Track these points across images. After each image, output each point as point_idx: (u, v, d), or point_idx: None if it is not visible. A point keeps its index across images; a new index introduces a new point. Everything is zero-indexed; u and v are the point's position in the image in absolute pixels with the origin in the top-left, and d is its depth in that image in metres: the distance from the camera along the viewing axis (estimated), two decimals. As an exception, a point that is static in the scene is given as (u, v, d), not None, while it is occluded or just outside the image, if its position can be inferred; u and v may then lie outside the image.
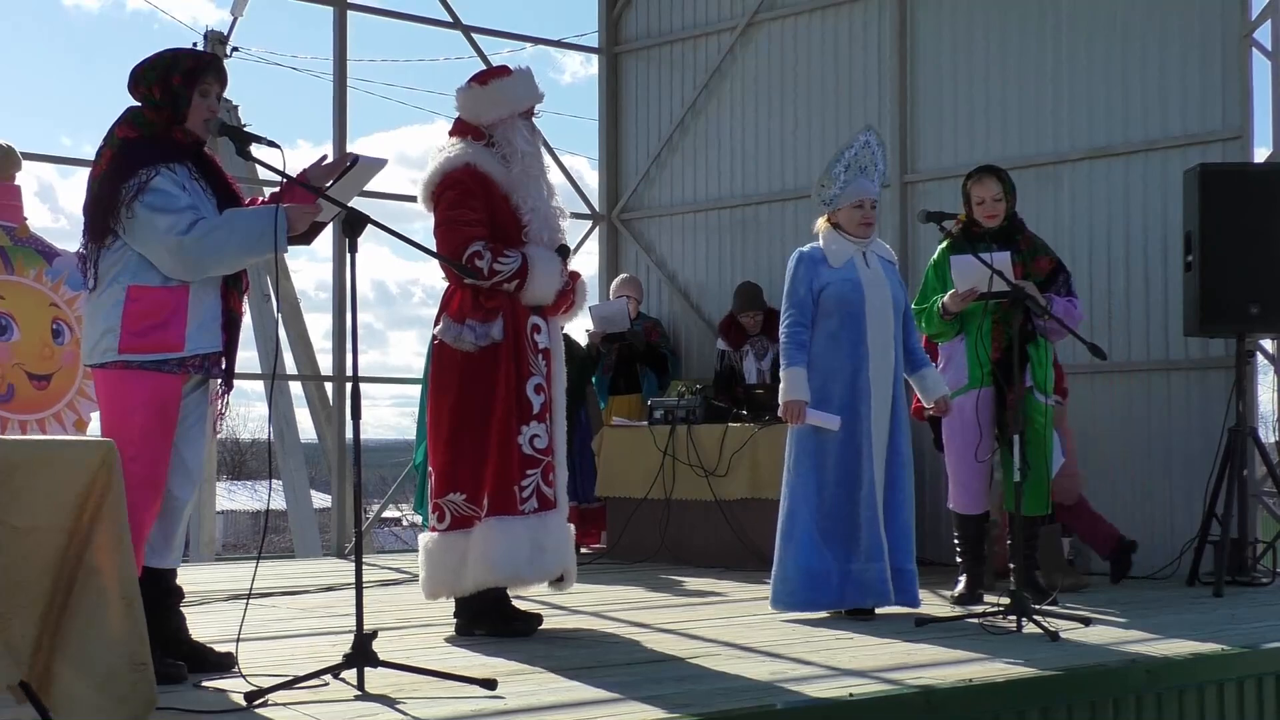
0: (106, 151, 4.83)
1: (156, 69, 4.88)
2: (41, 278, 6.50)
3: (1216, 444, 7.88)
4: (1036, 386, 6.91)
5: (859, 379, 6.42)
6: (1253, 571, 7.86)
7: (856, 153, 6.54)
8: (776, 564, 6.51)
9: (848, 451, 6.41)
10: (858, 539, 6.37)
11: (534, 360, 5.92)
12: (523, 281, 5.84)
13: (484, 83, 6.06)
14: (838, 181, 6.52)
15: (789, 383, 6.42)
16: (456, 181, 5.89)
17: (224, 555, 23.77)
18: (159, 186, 4.74)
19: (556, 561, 5.91)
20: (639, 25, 11.50)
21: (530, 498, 5.84)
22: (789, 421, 6.46)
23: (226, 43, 15.95)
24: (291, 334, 15.95)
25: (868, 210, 6.52)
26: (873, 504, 6.40)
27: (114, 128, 4.89)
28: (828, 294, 6.44)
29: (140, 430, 4.71)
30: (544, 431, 5.91)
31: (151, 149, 4.82)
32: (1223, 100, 8.46)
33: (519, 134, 5.98)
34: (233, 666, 4.80)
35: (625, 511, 9.39)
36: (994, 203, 7.02)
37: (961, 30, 9.56)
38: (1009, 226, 7.05)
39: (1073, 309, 6.98)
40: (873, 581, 6.38)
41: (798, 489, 6.46)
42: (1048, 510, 7.07)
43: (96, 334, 4.78)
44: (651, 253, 11.32)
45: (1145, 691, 5.11)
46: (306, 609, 6.95)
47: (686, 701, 4.32)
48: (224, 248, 4.77)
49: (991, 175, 7.08)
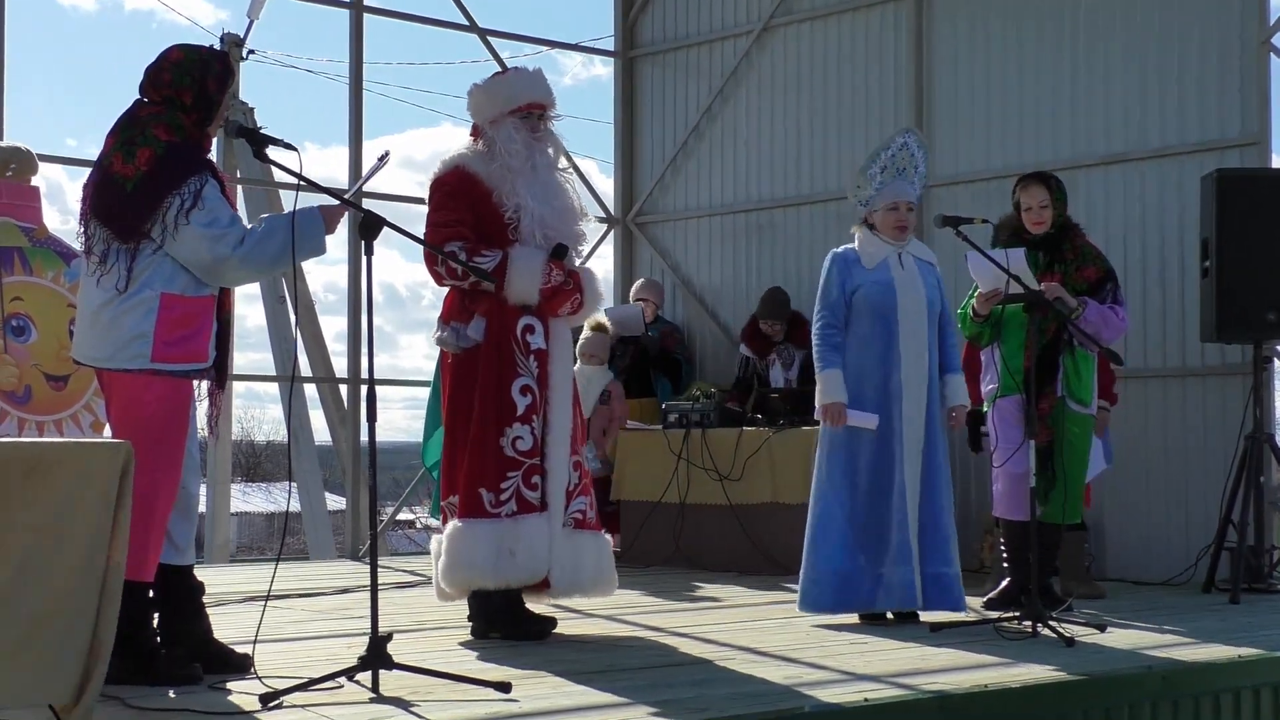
0: (145, 151, 4.71)
1: (190, 72, 4.84)
2: (60, 279, 6.51)
3: (1233, 450, 7.85)
4: (1070, 396, 6.79)
5: (891, 381, 6.39)
6: (1269, 578, 7.84)
7: (894, 154, 6.50)
8: (806, 565, 6.46)
9: (880, 454, 6.38)
10: (888, 542, 6.34)
11: (523, 361, 5.87)
12: (501, 280, 5.81)
13: (487, 82, 6.10)
14: (874, 183, 6.48)
15: (827, 385, 6.37)
16: (440, 184, 5.95)
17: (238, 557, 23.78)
18: (209, 199, 4.71)
19: (528, 566, 5.77)
20: (655, 29, 11.51)
21: (509, 500, 5.79)
22: (829, 424, 6.40)
23: (243, 45, 15.95)
24: (306, 336, 15.93)
25: (903, 213, 6.48)
26: (904, 507, 6.36)
27: (149, 126, 4.77)
28: (860, 295, 6.41)
29: (162, 433, 4.70)
30: (528, 433, 5.84)
31: (195, 156, 4.78)
32: (1241, 106, 8.44)
33: (504, 130, 5.94)
34: (249, 668, 4.80)
35: (639, 515, 9.39)
36: (1040, 209, 6.91)
37: (979, 35, 9.55)
38: (1057, 234, 6.91)
39: (1111, 316, 6.81)
40: (897, 585, 6.35)
41: (829, 492, 6.43)
42: (1077, 519, 6.99)
43: (124, 338, 4.70)
44: (667, 257, 11.31)
45: (1161, 698, 5.10)
46: (322, 611, 6.96)
47: (701, 706, 4.31)
48: (278, 256, 4.76)
49: (1039, 182, 6.97)
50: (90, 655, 3.81)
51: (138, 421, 4.69)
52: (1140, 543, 8.55)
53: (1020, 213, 6.98)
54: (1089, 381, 6.90)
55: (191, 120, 4.84)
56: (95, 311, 4.76)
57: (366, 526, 8.62)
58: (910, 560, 6.37)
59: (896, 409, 6.39)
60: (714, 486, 8.97)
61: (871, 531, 6.36)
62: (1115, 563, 8.62)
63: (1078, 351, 6.82)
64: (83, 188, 4.91)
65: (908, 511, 6.38)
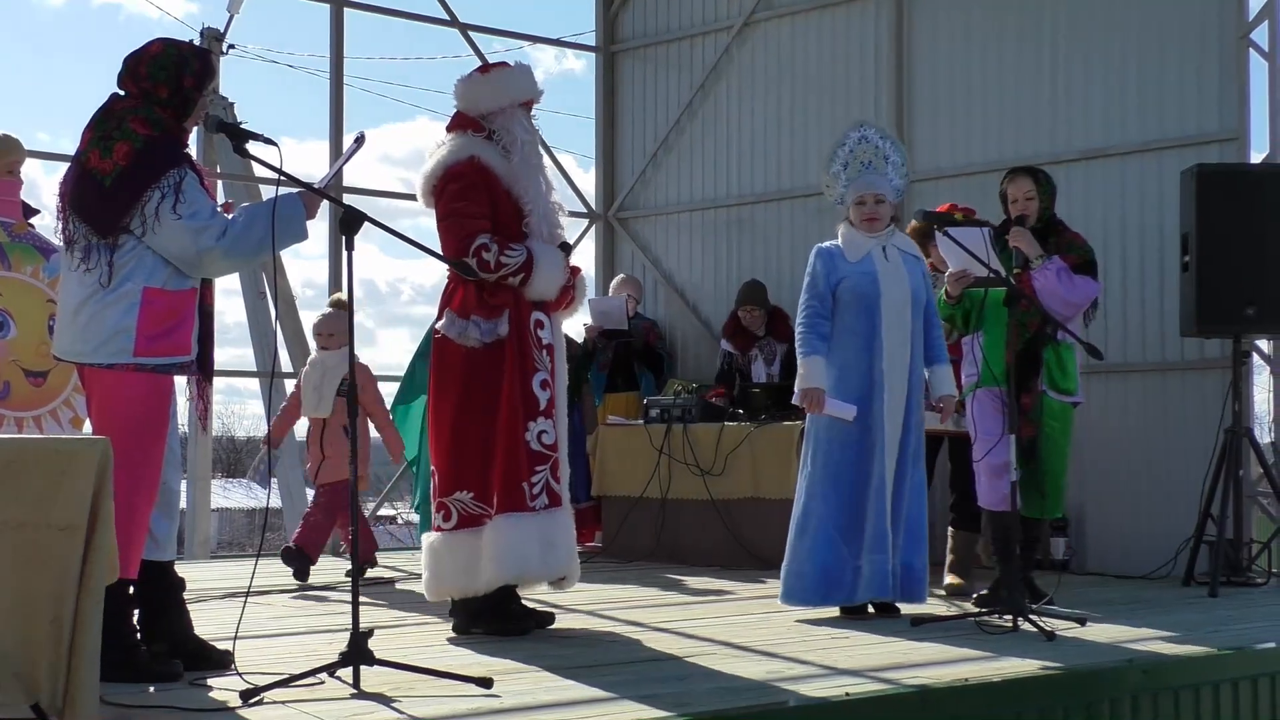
0: (123, 145, 4.69)
1: (166, 68, 4.82)
2: (39, 274, 6.49)
3: (1212, 444, 7.88)
4: (1053, 387, 6.79)
5: (874, 371, 6.40)
6: (1248, 572, 7.87)
7: (852, 149, 6.52)
8: (790, 559, 6.48)
9: (861, 445, 6.39)
10: (865, 532, 6.36)
11: (538, 356, 5.89)
12: (528, 276, 5.81)
13: (485, 72, 6.07)
14: (839, 180, 6.53)
15: (808, 370, 6.39)
16: (460, 174, 5.84)
17: (219, 554, 23.71)
18: (189, 192, 4.69)
19: (566, 558, 5.88)
20: (636, 24, 11.50)
21: (540, 494, 5.81)
22: (807, 409, 6.43)
23: (223, 40, 15.90)
24: (287, 332, 15.89)
25: (870, 206, 6.49)
26: (882, 498, 6.38)
27: (125, 120, 4.74)
28: (844, 287, 6.42)
29: (143, 428, 4.69)
30: (551, 427, 5.88)
31: (173, 150, 4.76)
32: (1219, 101, 8.46)
33: (518, 124, 5.94)
34: (229, 665, 4.79)
35: (621, 510, 9.39)
36: (1025, 201, 6.89)
37: (958, 30, 9.57)
38: (1043, 228, 6.89)
39: (1069, 280, 6.72)
40: (873, 575, 6.37)
41: (814, 485, 6.45)
42: (1058, 514, 6.98)
43: (106, 333, 4.68)
44: (647, 252, 11.31)
45: (1141, 691, 5.11)
46: (302, 607, 6.94)
47: (683, 701, 4.32)
48: (261, 244, 4.75)
49: (1024, 174, 6.98)
50: (72, 655, 3.78)
51: (118, 417, 4.67)
52: (1120, 537, 8.57)
53: (1006, 205, 6.99)
54: (1073, 372, 6.91)
55: (169, 114, 4.82)
56: (77, 307, 4.74)
57: (348, 522, 8.59)
58: (885, 549, 6.38)
59: (878, 399, 6.40)
60: (695, 481, 8.97)
61: (853, 524, 6.38)
62: (1095, 557, 8.65)
63: (1061, 345, 6.82)
64: (60, 183, 4.88)
65: (885, 502, 6.39)
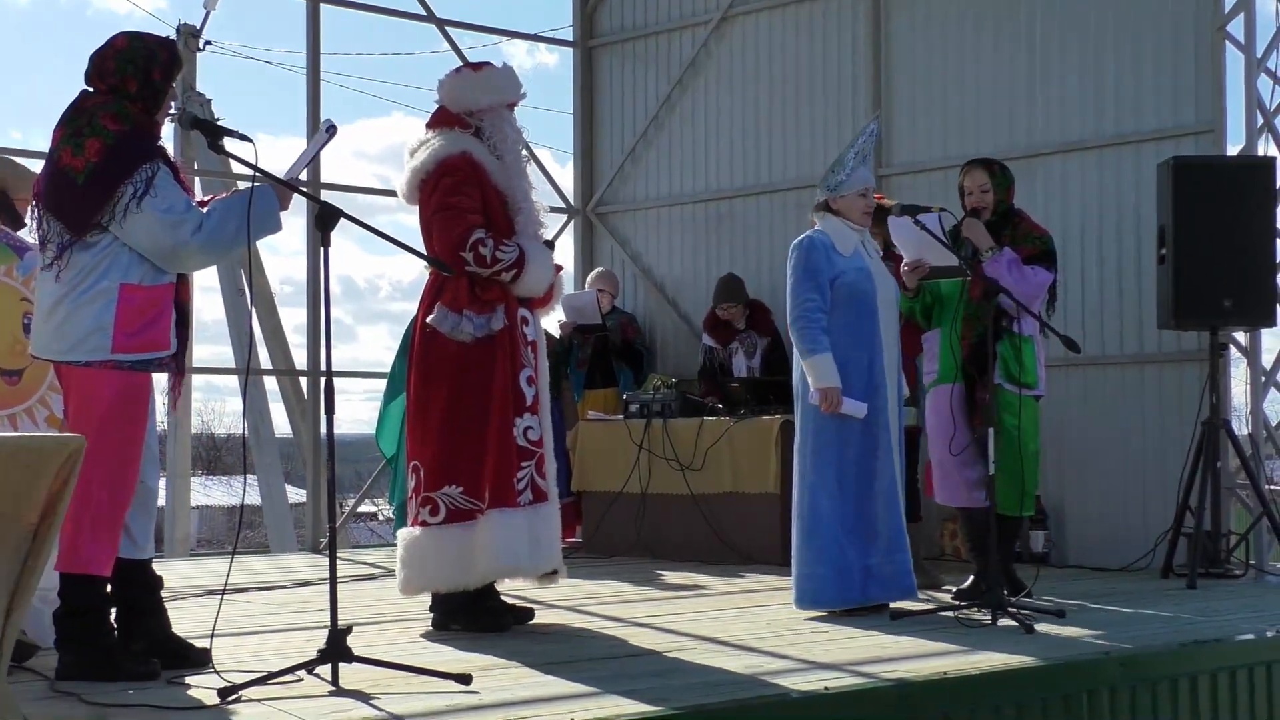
0: (94, 142, 4.66)
1: (134, 61, 4.79)
2: (12, 273, 6.43)
3: (1190, 437, 7.90)
4: (1007, 379, 6.68)
5: (875, 368, 6.31)
6: (1226, 564, 7.91)
7: (865, 141, 6.49)
8: (800, 561, 6.31)
9: (866, 443, 6.28)
10: (876, 532, 6.27)
11: (525, 352, 5.90)
12: (519, 273, 5.82)
13: (478, 70, 6.05)
14: (846, 168, 6.39)
15: (821, 369, 6.22)
16: (454, 168, 5.83)
17: (199, 551, 23.65)
18: (162, 186, 4.67)
19: (552, 553, 5.90)
20: (613, 19, 11.49)
21: (525, 489, 5.81)
22: (825, 408, 6.23)
23: (199, 36, 15.85)
24: (266, 329, 15.86)
25: (871, 199, 6.46)
26: (892, 495, 6.30)
27: (96, 116, 4.71)
28: (842, 283, 6.30)
29: (120, 426, 4.66)
30: (536, 423, 5.88)
31: (145, 144, 4.73)
32: (1195, 94, 8.48)
33: (509, 124, 5.96)
34: (208, 663, 4.77)
35: (601, 505, 9.38)
36: (981, 194, 6.87)
37: (936, 24, 9.58)
38: (999, 221, 6.85)
39: (1019, 271, 6.65)
40: (895, 575, 6.28)
41: (817, 485, 6.28)
42: (1029, 511, 6.86)
43: (83, 330, 4.65)
44: (627, 247, 11.31)
45: (1120, 684, 5.12)
46: (281, 604, 6.93)
47: (663, 696, 4.31)
48: (236, 236, 4.74)
49: (979, 166, 6.96)
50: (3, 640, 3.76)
51: (95, 415, 4.64)
52: (1099, 529, 8.59)
53: (963, 197, 6.98)
54: (1031, 365, 6.76)
55: (139, 108, 4.79)
56: (53, 305, 4.71)
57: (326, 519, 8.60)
58: (904, 548, 6.30)
59: (881, 397, 6.31)
60: (675, 476, 8.97)
61: (861, 522, 6.26)
62: (1074, 549, 8.67)
63: (1018, 336, 6.73)
64: (34, 183, 4.86)
65: (896, 498, 6.31)
